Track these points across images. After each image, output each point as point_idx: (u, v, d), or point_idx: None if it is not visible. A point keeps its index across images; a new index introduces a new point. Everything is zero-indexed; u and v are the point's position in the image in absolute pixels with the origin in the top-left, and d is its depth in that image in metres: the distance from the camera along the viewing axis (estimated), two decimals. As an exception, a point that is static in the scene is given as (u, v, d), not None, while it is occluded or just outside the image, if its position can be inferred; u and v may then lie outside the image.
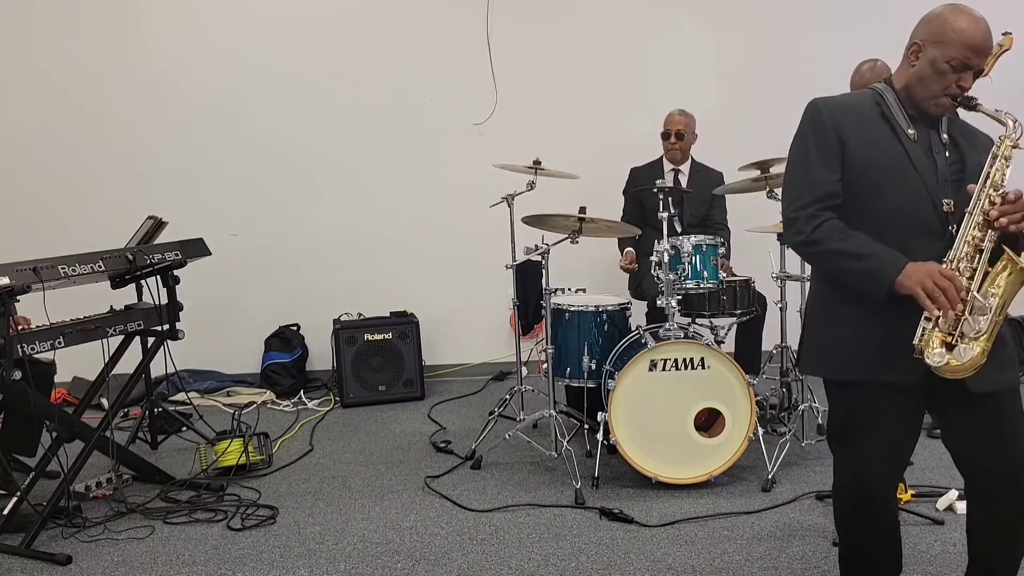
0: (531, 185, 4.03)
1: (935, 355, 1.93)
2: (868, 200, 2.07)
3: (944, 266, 1.95)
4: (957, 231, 2.01)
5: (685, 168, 4.68)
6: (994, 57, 3.51)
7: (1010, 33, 3.66)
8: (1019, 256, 1.93)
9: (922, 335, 1.95)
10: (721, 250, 3.82)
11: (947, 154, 2.11)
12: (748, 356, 4.24)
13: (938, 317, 1.92)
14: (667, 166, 4.66)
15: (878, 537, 2.23)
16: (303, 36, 5.31)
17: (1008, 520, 2.11)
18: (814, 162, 2.10)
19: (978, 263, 1.96)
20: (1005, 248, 1.94)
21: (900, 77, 2.14)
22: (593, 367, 3.84)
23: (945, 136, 2.12)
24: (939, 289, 1.89)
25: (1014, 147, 2.02)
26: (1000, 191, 1.98)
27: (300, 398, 5.16)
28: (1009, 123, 2.03)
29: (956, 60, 2.01)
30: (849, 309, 2.09)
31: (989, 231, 1.96)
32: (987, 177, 2.00)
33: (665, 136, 4.62)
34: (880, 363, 2.04)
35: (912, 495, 3.26)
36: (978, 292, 1.94)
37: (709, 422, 3.56)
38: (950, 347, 1.94)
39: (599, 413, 3.68)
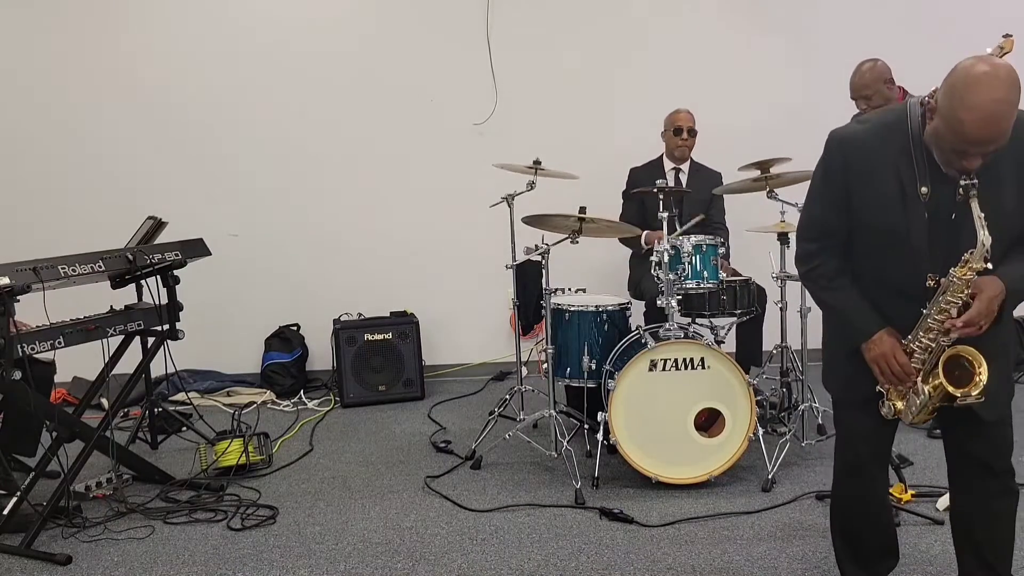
0: (531, 185, 4.04)
1: (886, 407, 2.19)
2: (860, 256, 2.18)
3: (905, 344, 2.12)
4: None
5: (685, 168, 4.68)
6: None
7: (1011, 35, 3.65)
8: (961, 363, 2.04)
9: (882, 387, 2.20)
10: (721, 250, 3.82)
11: (952, 216, 2.01)
12: (750, 349, 4.24)
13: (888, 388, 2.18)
14: (667, 164, 4.66)
15: (866, 510, 2.39)
16: (303, 37, 5.31)
17: (986, 497, 2.27)
18: (820, 200, 2.20)
19: (928, 356, 2.10)
20: (939, 369, 2.05)
21: (927, 129, 1.98)
22: (593, 367, 3.84)
23: (961, 192, 1.95)
24: (890, 371, 2.12)
25: (977, 269, 1.95)
26: (957, 304, 1.99)
27: (300, 398, 5.16)
28: (980, 245, 1.91)
29: (952, 146, 1.88)
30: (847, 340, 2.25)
31: (941, 336, 2.05)
32: (942, 293, 2.01)
33: (677, 132, 4.59)
34: (866, 392, 2.23)
35: (912, 495, 3.27)
36: (922, 383, 2.10)
37: (709, 422, 3.56)
38: (904, 404, 2.18)
39: (599, 413, 3.68)
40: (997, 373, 2.05)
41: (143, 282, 3.67)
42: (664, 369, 3.48)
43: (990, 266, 1.95)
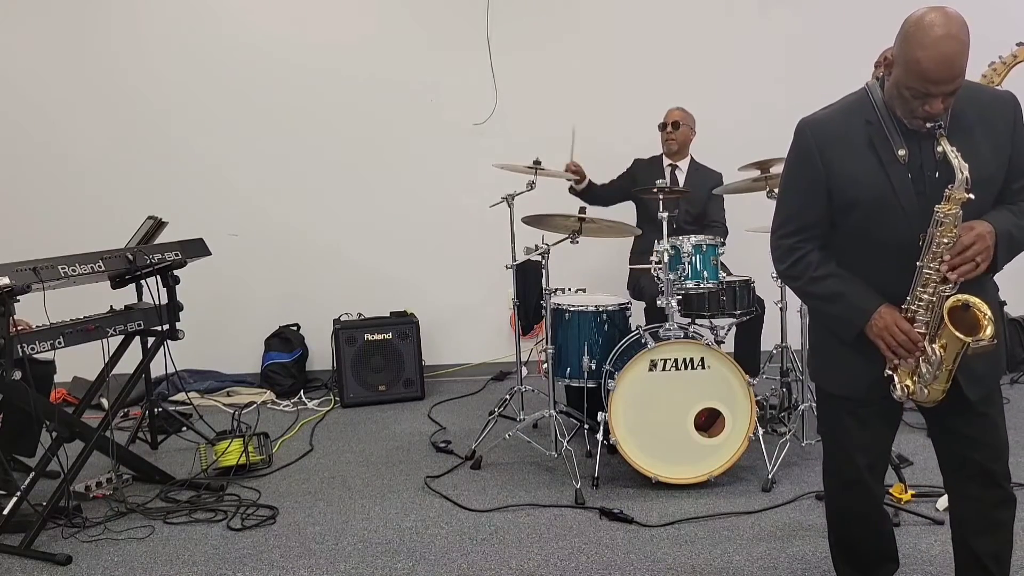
0: (531, 185, 4.04)
1: (899, 388, 2.11)
2: (850, 234, 2.12)
3: (905, 313, 2.06)
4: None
5: (684, 165, 4.68)
6: (1007, 68, 3.47)
7: (1023, 43, 3.62)
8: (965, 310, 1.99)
9: (890, 367, 2.13)
10: (721, 250, 3.82)
11: (936, 174, 2.01)
12: (747, 358, 4.23)
13: (897, 363, 2.10)
14: (665, 161, 4.67)
15: (864, 522, 2.36)
16: (302, 36, 5.31)
17: (986, 506, 2.22)
18: (797, 192, 2.16)
19: (931, 316, 2.05)
20: (944, 317, 2.00)
21: (887, 87, 2.02)
22: (593, 367, 3.84)
23: (939, 149, 1.98)
24: (896, 342, 2.05)
25: (960, 200, 1.94)
26: (948, 244, 1.96)
27: (300, 398, 5.16)
28: (959, 175, 1.91)
29: (913, 89, 1.90)
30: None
31: (940, 285, 2.01)
32: (931, 241, 1.98)
33: (662, 127, 4.63)
34: (870, 385, 2.16)
35: (912, 495, 3.26)
36: (930, 345, 2.05)
37: (709, 422, 3.56)
38: (914, 382, 2.10)
39: (599, 413, 3.68)
40: (981, 357, 2.01)
41: (143, 282, 3.67)
42: (664, 369, 3.48)
43: (972, 196, 1.93)
